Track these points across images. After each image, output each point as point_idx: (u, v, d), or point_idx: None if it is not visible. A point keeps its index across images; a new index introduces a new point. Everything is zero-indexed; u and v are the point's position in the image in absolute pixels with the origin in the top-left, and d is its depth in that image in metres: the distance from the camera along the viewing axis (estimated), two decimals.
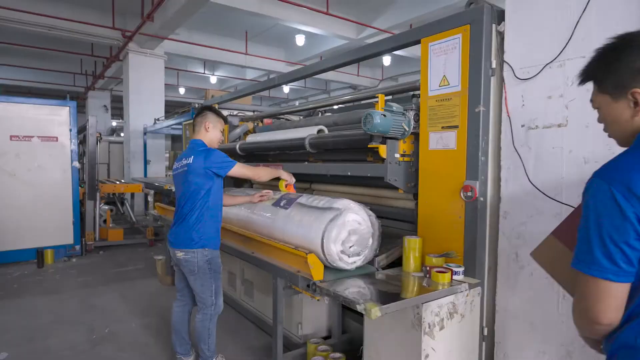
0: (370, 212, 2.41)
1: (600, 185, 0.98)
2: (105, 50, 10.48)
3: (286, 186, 3.00)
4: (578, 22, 1.81)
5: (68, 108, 5.92)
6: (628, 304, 1.00)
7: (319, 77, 13.06)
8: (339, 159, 3.14)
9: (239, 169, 2.67)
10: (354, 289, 2.02)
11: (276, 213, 2.68)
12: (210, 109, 2.81)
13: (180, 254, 2.55)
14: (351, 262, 2.27)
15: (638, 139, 1.02)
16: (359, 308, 1.75)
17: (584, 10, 1.79)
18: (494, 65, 2.12)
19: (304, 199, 2.62)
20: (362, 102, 3.79)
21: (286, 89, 15.75)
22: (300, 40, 9.80)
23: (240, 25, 9.93)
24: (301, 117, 4.48)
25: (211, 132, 2.75)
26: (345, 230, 2.24)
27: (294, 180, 3.01)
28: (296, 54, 11.60)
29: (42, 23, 8.16)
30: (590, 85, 1.14)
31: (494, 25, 2.11)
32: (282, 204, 2.70)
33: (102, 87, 14.02)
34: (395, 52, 10.56)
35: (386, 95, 2.81)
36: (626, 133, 1.06)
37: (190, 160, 2.60)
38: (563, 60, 1.88)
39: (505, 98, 2.10)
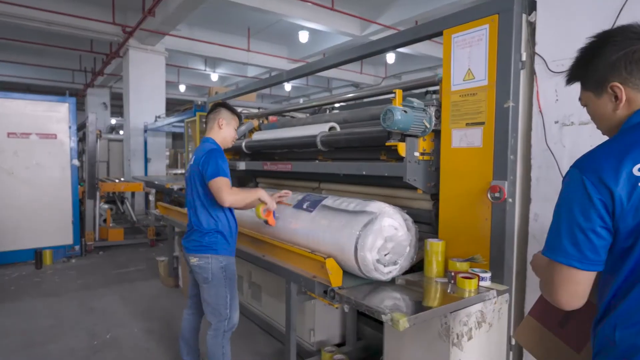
0: (407, 216, 2.20)
1: (573, 174, 1.02)
2: (105, 47, 10.33)
3: (264, 212, 2.45)
4: (622, 8, 1.67)
5: (67, 104, 5.77)
6: (603, 294, 1.03)
7: (321, 74, 12.93)
8: (351, 157, 3.02)
9: (218, 183, 2.23)
10: (375, 297, 1.89)
11: (298, 216, 2.46)
12: (224, 105, 2.61)
13: (194, 260, 2.38)
14: (387, 272, 2.05)
15: (620, 130, 1.04)
16: (385, 319, 1.62)
17: None
18: (524, 58, 1.98)
19: (329, 200, 2.42)
20: (365, 100, 3.66)
21: (288, 86, 15.59)
22: (303, 36, 9.64)
23: (243, 22, 9.78)
24: (307, 115, 4.34)
25: (224, 130, 2.53)
26: (381, 236, 2.03)
27: (274, 205, 2.49)
28: (299, 51, 11.45)
29: (41, 18, 7.99)
30: None
31: (524, 15, 1.98)
32: (305, 206, 2.49)
33: (101, 84, 13.85)
34: (399, 50, 10.45)
35: (403, 91, 2.67)
36: (612, 126, 1.08)
37: (193, 159, 2.45)
38: None
39: (537, 92, 1.96)
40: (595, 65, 1.05)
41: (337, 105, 3.87)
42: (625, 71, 1.00)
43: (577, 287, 1.00)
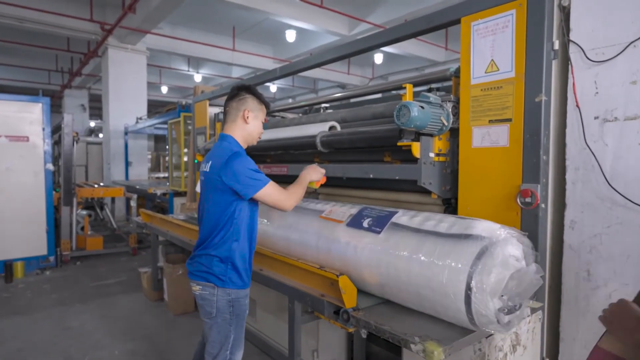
0: (525, 239, 1.58)
1: None
2: (83, 46, 9.86)
3: (317, 183, 2.20)
4: None
5: (40, 105, 5.36)
6: None
7: (308, 75, 12.68)
8: (353, 159, 2.77)
9: (269, 192, 1.86)
10: (397, 319, 1.64)
11: (358, 239, 1.87)
12: (250, 90, 2.03)
13: (196, 288, 1.93)
14: (507, 323, 1.47)
15: None
16: (415, 349, 1.37)
17: None
18: (556, 47, 1.77)
19: (403, 217, 1.81)
20: (360, 97, 3.42)
21: (273, 87, 15.29)
22: (290, 36, 9.40)
23: (228, 20, 9.46)
24: (299, 115, 4.09)
25: (252, 124, 1.99)
26: (505, 273, 1.43)
27: (324, 177, 2.21)
28: (285, 51, 11.19)
29: (12, 14, 7.51)
30: None
31: None
32: (366, 224, 1.89)
33: (79, 85, 13.31)
34: (386, 50, 10.29)
35: (409, 86, 2.44)
36: None
37: (208, 166, 1.94)
38: None
39: (574, 85, 1.75)
40: None
41: (328, 104, 3.62)
42: None
43: None
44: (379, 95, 3.58)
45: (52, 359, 3.03)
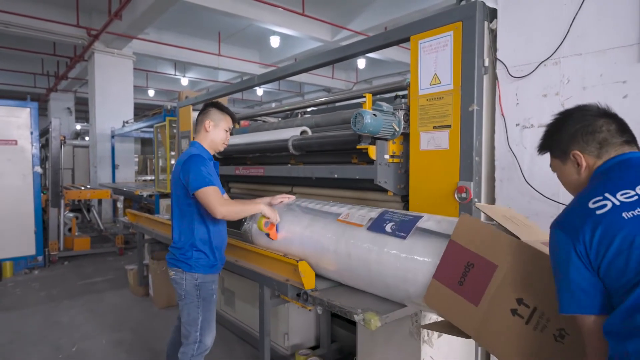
0: None
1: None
2: (69, 50, 9.98)
3: (266, 225, 2.25)
4: (574, 18, 1.78)
5: (29, 109, 5.54)
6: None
7: (293, 79, 12.95)
8: (323, 161, 3.04)
9: (208, 193, 2.04)
10: (348, 298, 1.90)
11: (381, 244, 1.76)
12: (213, 104, 2.36)
13: (171, 273, 2.20)
14: None
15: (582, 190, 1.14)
16: (357, 318, 1.64)
17: (580, 7, 1.76)
18: (486, 64, 2.07)
19: (429, 222, 1.73)
20: (337, 103, 3.70)
21: (260, 91, 15.53)
22: (275, 41, 9.65)
23: (213, 26, 9.69)
24: (279, 119, 4.35)
25: (212, 132, 2.29)
26: None
27: (278, 219, 2.29)
28: (270, 56, 11.44)
29: None
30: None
31: (486, 23, 2.06)
32: (389, 229, 1.78)
33: (65, 89, 13.36)
34: (370, 55, 10.63)
35: (373, 95, 2.73)
36: (577, 188, 1.19)
37: (174, 167, 2.27)
38: (558, 57, 1.85)
39: (499, 96, 2.05)
40: (559, 137, 1.22)
41: (309, 110, 3.90)
42: (582, 141, 1.16)
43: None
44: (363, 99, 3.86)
45: (42, 350, 3.23)
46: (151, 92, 15.14)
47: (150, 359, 3.08)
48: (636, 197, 0.99)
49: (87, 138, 11.91)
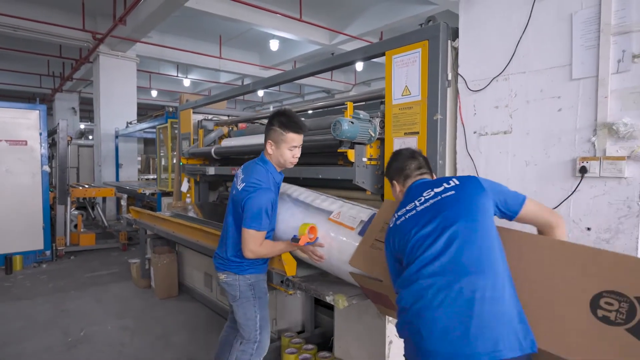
0: None
1: None
2: (74, 52, 10.28)
3: (309, 230, 2.09)
4: (519, 41, 2.04)
5: (38, 112, 5.84)
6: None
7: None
8: (312, 162, 3.32)
9: (248, 235, 2.05)
10: (325, 284, 2.18)
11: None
12: (277, 118, 2.15)
13: (222, 277, 2.24)
14: None
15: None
16: (329, 299, 1.92)
17: (524, 31, 2.02)
18: (449, 78, 2.34)
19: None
20: (335, 107, 3.97)
21: (260, 92, 15.81)
22: (274, 45, 9.93)
23: (214, 29, 9.97)
24: None
25: (275, 154, 2.17)
26: None
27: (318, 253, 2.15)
28: (270, 58, 11.72)
29: (7, 23, 7.94)
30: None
31: (449, 41, 2.33)
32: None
33: (70, 89, 13.68)
34: None
35: (357, 102, 3.03)
36: (400, 200, 1.75)
37: (240, 187, 2.16)
38: (507, 74, 2.11)
39: (460, 107, 2.32)
40: (388, 171, 1.87)
41: (310, 112, 4.16)
42: (395, 175, 1.81)
43: None
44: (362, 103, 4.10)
45: (52, 334, 3.52)
46: (154, 93, 15.43)
47: (152, 342, 3.37)
48: (413, 205, 1.58)
49: (91, 137, 12.22)
